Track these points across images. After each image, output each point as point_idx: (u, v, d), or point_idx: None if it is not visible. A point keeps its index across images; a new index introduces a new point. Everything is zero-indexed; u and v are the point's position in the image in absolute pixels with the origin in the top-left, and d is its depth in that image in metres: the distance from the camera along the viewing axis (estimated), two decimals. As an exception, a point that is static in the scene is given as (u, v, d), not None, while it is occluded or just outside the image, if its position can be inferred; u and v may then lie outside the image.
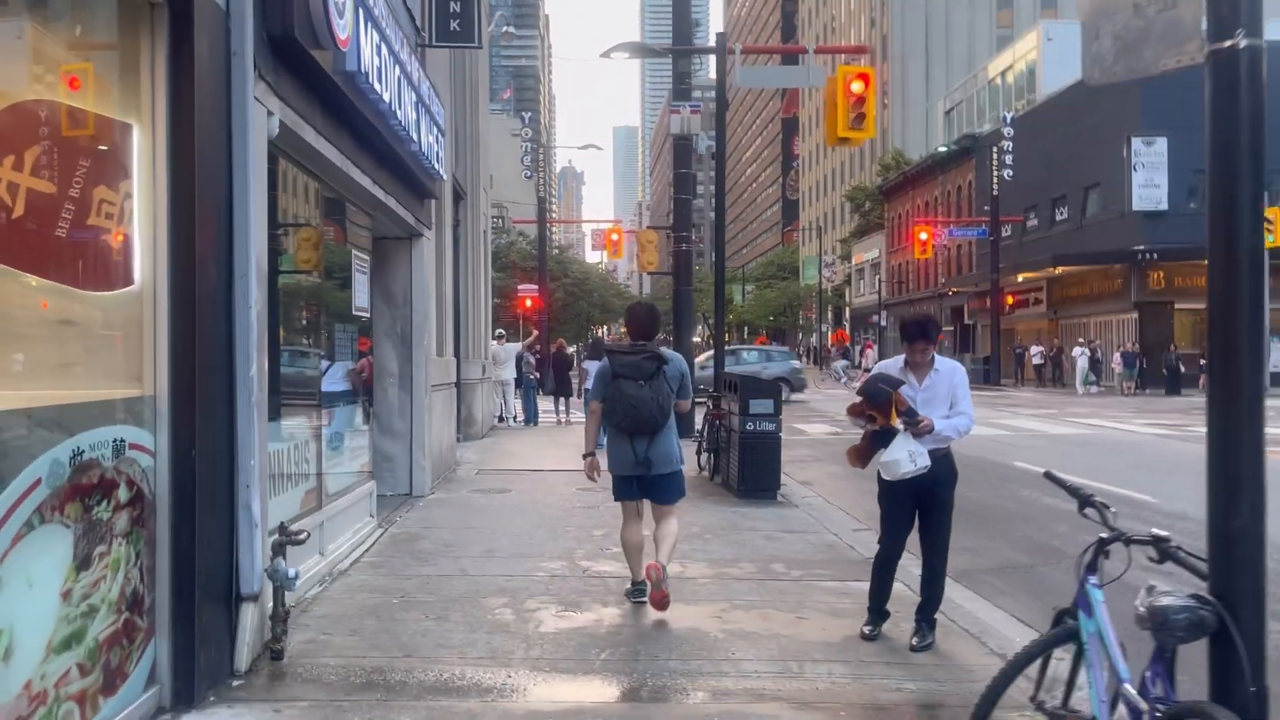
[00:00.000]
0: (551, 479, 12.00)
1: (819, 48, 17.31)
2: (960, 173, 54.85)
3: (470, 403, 16.76)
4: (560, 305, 47.98)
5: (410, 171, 8.95)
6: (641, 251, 18.14)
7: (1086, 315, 40.76)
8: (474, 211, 16.94)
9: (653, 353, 6.10)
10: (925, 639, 5.45)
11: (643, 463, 6.04)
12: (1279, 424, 19.21)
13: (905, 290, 63.10)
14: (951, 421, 5.39)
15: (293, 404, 6.47)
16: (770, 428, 10.55)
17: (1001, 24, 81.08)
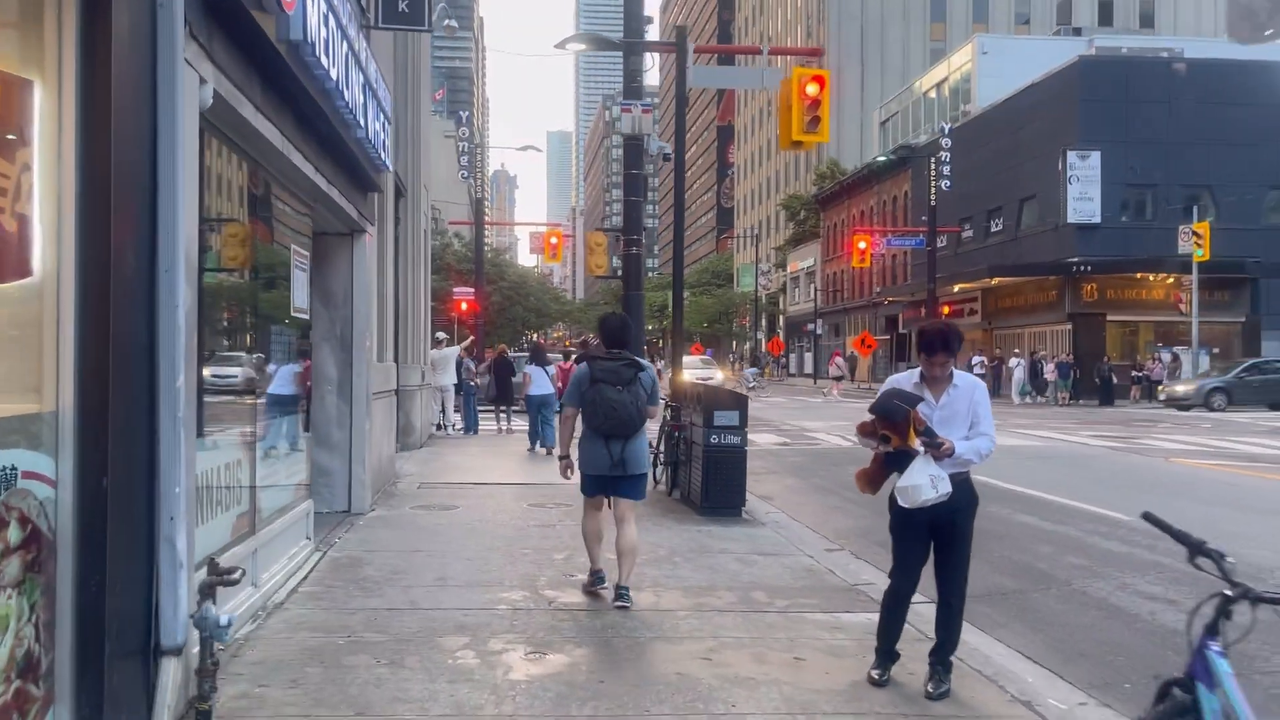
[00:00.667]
0: (500, 494, 11.28)
1: (773, 49, 16.82)
2: (896, 183, 55.24)
3: (409, 411, 15.93)
4: (497, 309, 47.05)
5: (355, 160, 8.20)
6: (590, 254, 17.47)
7: (1021, 326, 41.19)
8: (414, 209, 16.14)
9: (631, 360, 6.42)
10: (942, 684, 4.90)
11: (618, 464, 6.33)
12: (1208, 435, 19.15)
13: (840, 299, 63.38)
14: (973, 443, 4.86)
15: (224, 415, 5.70)
16: (735, 441, 9.98)
17: (935, 37, 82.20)
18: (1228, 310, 36.94)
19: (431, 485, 11.95)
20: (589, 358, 6.63)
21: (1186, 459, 15.74)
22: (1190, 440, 19.26)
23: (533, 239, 41.88)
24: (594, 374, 6.33)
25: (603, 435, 6.29)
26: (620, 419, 6.24)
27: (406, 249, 15.61)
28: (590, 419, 6.32)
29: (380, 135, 8.64)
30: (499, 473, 13.38)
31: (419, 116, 16.06)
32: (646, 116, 16.74)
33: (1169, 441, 18.86)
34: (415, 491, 11.42)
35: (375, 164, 8.92)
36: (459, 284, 42.05)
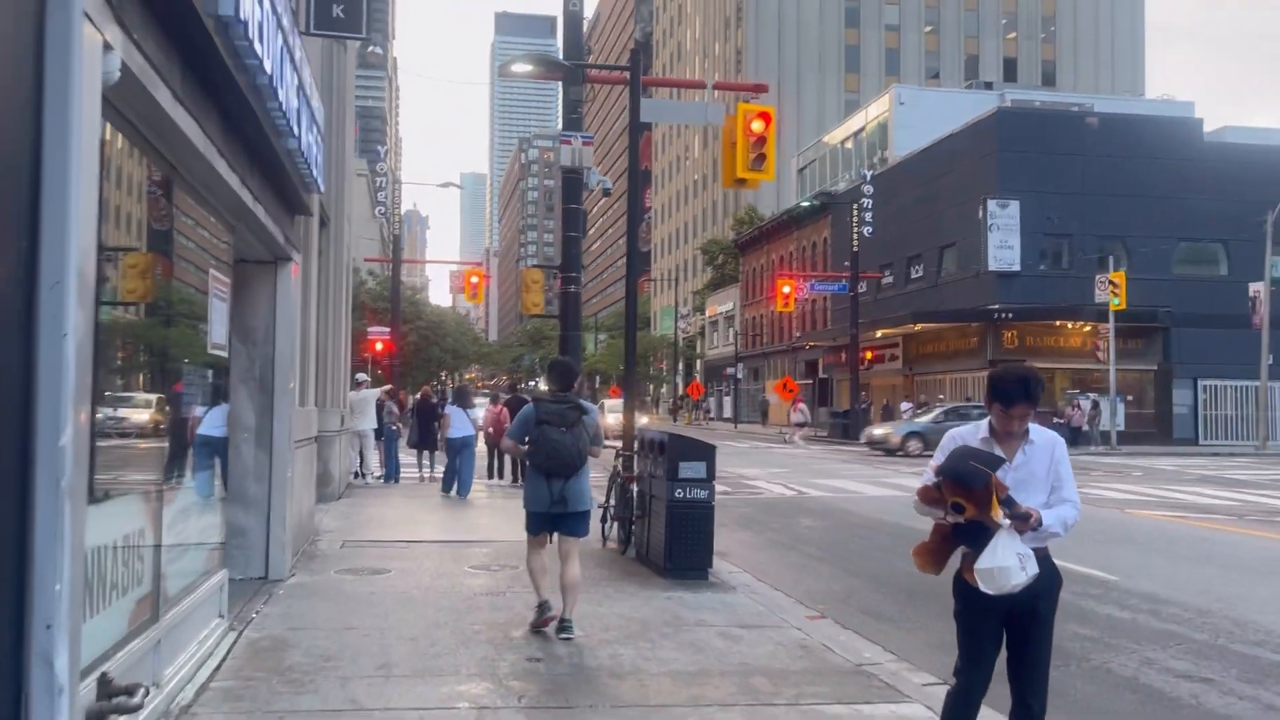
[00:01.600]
0: (435, 554, 10.15)
1: (718, 84, 16.25)
2: (816, 229, 55.62)
3: (327, 458, 14.64)
4: (413, 350, 45.49)
5: (285, 175, 7.15)
6: (526, 292, 16.50)
7: (942, 372, 41.42)
8: (337, 241, 14.99)
9: (575, 403, 6.81)
10: (1021, 809, 4.04)
11: (559, 501, 6.67)
12: (1143, 484, 18.92)
13: (760, 343, 63.39)
14: (1058, 512, 4.05)
15: (124, 471, 4.59)
16: (703, 495, 9.09)
17: (849, 88, 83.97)
18: (1141, 358, 37.70)
19: (356, 544, 10.75)
20: (535, 400, 7.07)
21: (1140, 510, 15.39)
22: (1130, 489, 19.06)
23: (452, 278, 40.67)
24: (540, 415, 6.70)
25: (545, 474, 6.65)
26: (563, 459, 6.58)
27: (328, 283, 14.43)
28: (535, 458, 6.68)
29: (313, 149, 7.61)
30: (430, 528, 12.22)
31: (343, 142, 14.99)
32: (587, 149, 15.95)
33: (1110, 490, 18.61)
34: (338, 552, 10.21)
35: (306, 182, 7.87)
36: (373, 323, 40.54)
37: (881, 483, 19.57)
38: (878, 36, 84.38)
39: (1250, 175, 38.17)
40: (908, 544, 11.82)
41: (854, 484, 19.37)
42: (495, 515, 13.28)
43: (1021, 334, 37.63)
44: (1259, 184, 37.34)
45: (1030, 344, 37.74)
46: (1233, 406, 38.91)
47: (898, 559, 10.91)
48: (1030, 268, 37.73)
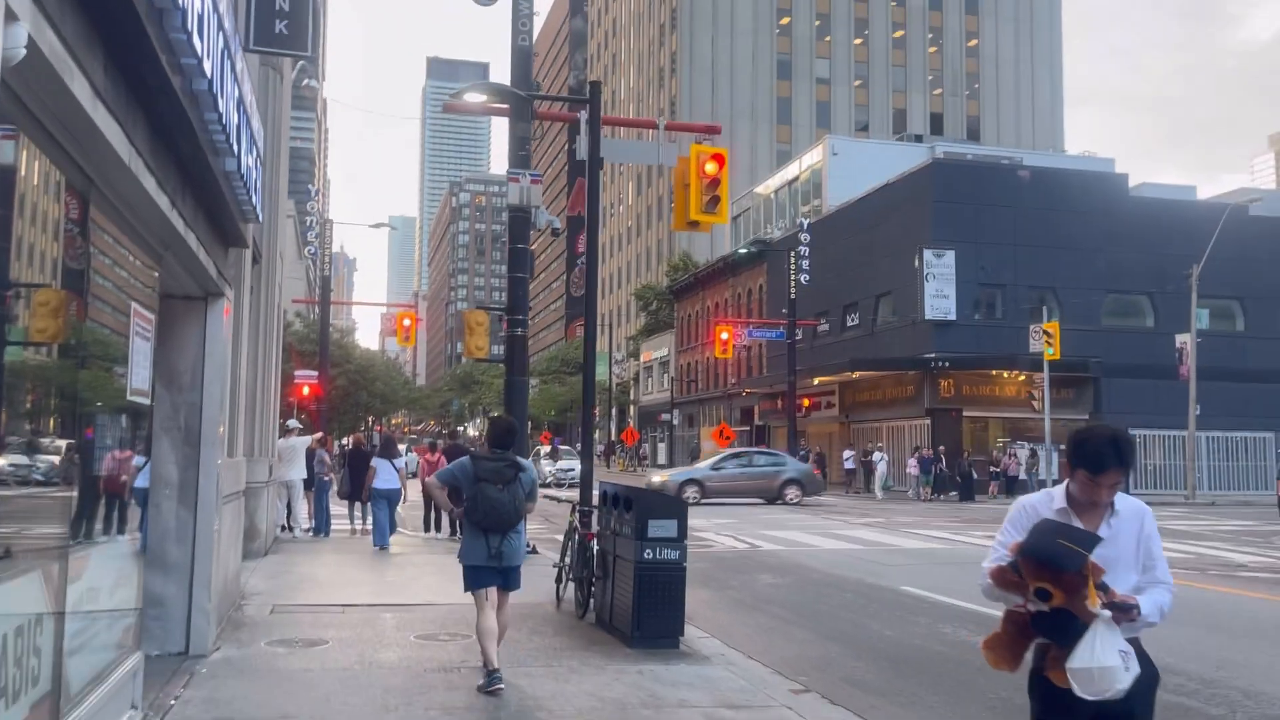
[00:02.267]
0: (376, 620, 9.25)
1: (670, 124, 15.83)
2: (752, 276, 55.70)
3: (254, 511, 13.60)
4: (341, 394, 44.04)
5: (222, 201, 6.37)
6: (470, 335, 15.71)
7: (879, 420, 41.38)
8: (269, 279, 14.07)
9: (512, 461, 6.98)
10: None
11: (495, 555, 6.83)
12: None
13: (695, 389, 63.06)
14: (1155, 599, 3.46)
15: (20, 543, 3.77)
16: (674, 556, 8.40)
17: (781, 139, 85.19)
18: (1073, 408, 38.08)
19: (287, 609, 9.79)
20: (474, 456, 7.07)
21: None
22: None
23: (383, 320, 39.65)
24: (478, 473, 6.84)
25: (483, 530, 6.80)
26: (500, 516, 6.76)
27: (259, 323, 13.49)
28: (472, 514, 6.82)
29: (253, 174, 6.84)
30: (367, 588, 11.28)
31: (276, 175, 14.13)
32: (535, 187, 15.40)
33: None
34: (268, 619, 9.25)
35: (244, 210, 7.08)
36: (300, 366, 39.13)
37: (834, 535, 19.06)
38: (808, 89, 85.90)
39: (1173, 230, 39.19)
40: (876, 603, 11.27)
41: (805, 536, 18.82)
42: (438, 574, 12.37)
43: (958, 382, 37.81)
44: (1181, 239, 38.32)
45: (966, 393, 37.96)
46: (1161, 456, 39.49)
47: (870, 620, 10.34)
48: (965, 317, 38.03)
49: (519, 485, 6.85)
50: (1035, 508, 3.61)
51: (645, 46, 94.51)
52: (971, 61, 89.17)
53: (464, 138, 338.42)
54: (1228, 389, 37.98)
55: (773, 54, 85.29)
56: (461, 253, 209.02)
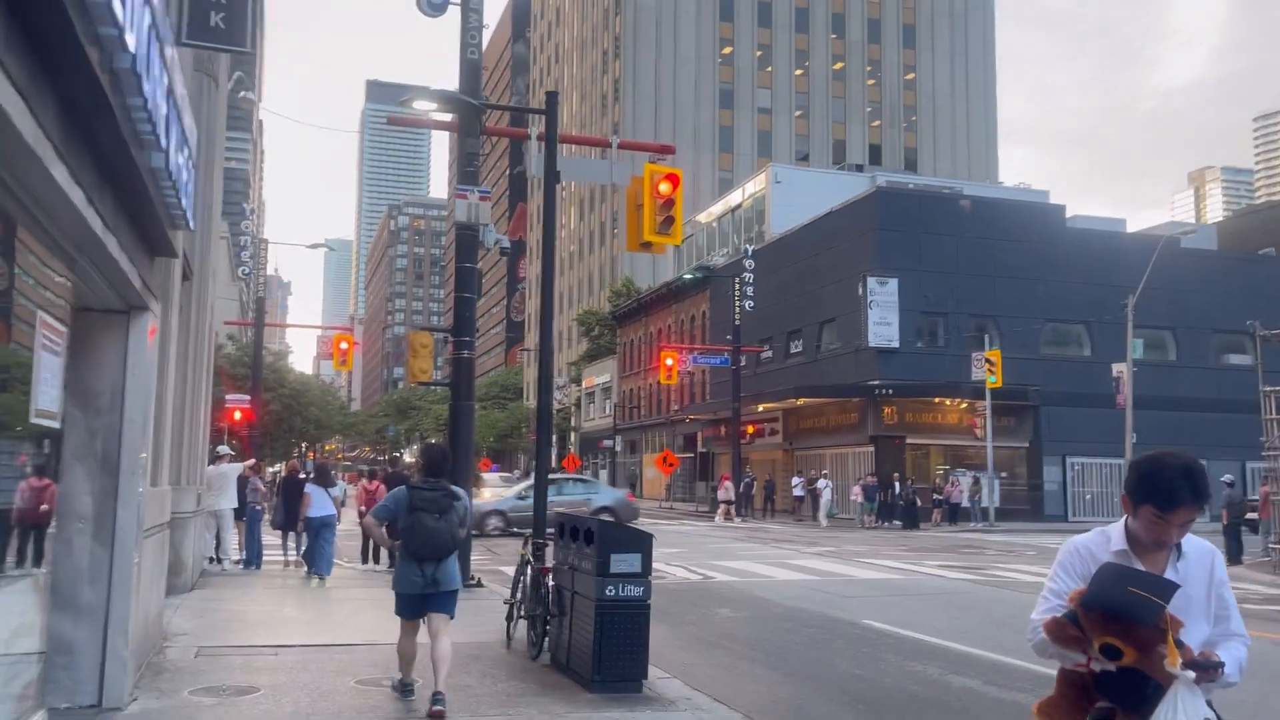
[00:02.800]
0: (312, 663, 8.54)
1: (623, 143, 15.42)
2: (695, 302, 55.56)
3: (180, 544, 12.74)
4: (274, 419, 42.69)
5: (148, 202, 5.73)
6: (413, 357, 15.02)
7: (823, 447, 41.28)
8: (200, 298, 13.29)
9: (448, 489, 7.01)
10: None
11: (431, 583, 6.90)
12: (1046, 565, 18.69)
13: (638, 415, 62.60)
14: (1235, 654, 3.03)
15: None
16: (638, 593, 7.87)
17: (723, 167, 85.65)
18: (1013, 436, 38.42)
19: (214, 651, 9.02)
20: (410, 486, 7.10)
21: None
22: (1035, 569, 18.68)
23: (319, 344, 38.49)
24: (414, 502, 6.87)
25: (418, 559, 6.86)
26: (437, 544, 6.82)
27: (189, 343, 12.70)
28: (409, 544, 6.84)
29: (183, 175, 6.21)
30: (302, 627, 10.53)
31: (210, 187, 13.40)
32: (484, 204, 14.85)
33: (1017, 573, 18.15)
34: (192, 663, 8.49)
35: (173, 214, 6.44)
36: (232, 390, 37.85)
37: (786, 564, 18.65)
38: (750, 118, 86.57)
39: (1108, 261, 39.88)
40: (841, 639, 10.82)
41: (758, 566, 18.37)
42: (378, 609, 11.63)
43: (901, 410, 37.88)
44: (1116, 270, 38.99)
45: (910, 420, 38.05)
46: (1098, 484, 39.98)
47: (837, 658, 9.89)
48: (908, 344, 38.16)
49: (454, 513, 6.92)
50: (1090, 550, 3.17)
51: (588, 73, 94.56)
52: (909, 94, 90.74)
53: (403, 161, 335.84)
54: (1161, 417, 38.57)
55: (715, 83, 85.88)
56: (400, 276, 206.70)
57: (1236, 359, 42.61)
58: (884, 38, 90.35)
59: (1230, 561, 20.41)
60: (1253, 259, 46.39)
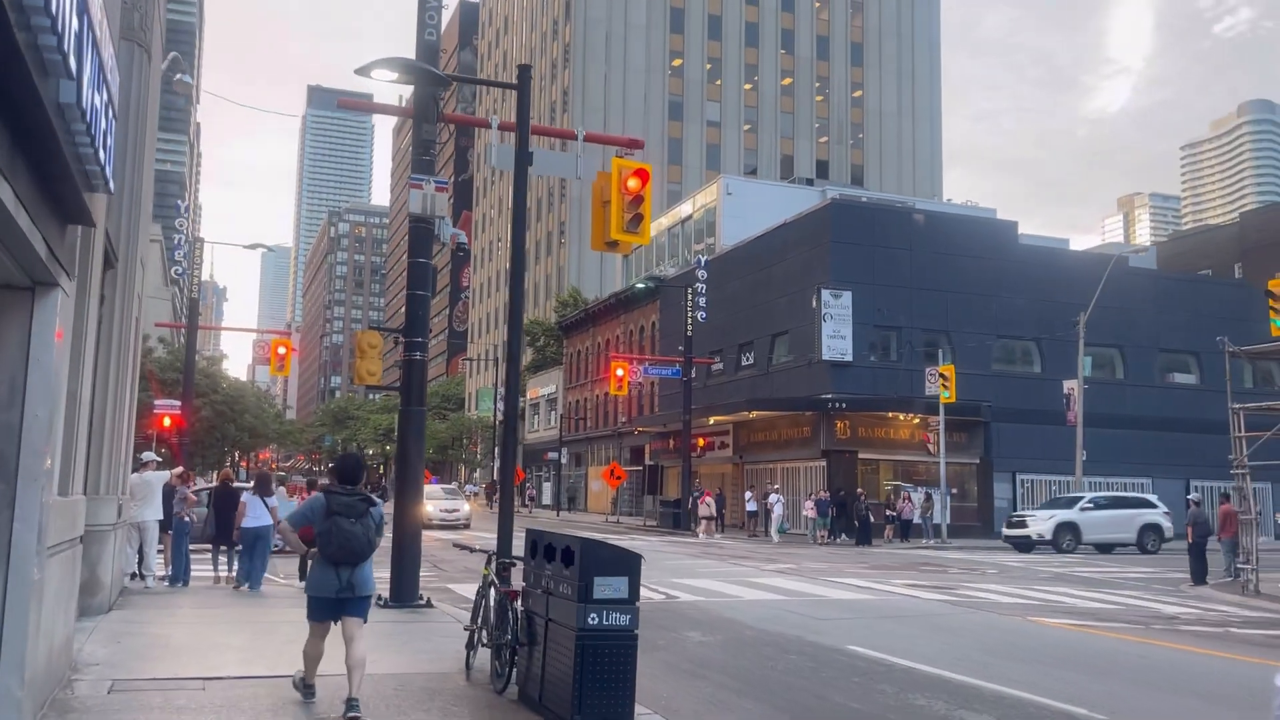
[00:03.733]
0: (248, 700, 7.46)
1: (590, 135, 14.54)
2: (644, 313, 54.80)
3: (97, 560, 11.52)
4: (205, 426, 40.85)
5: (54, 147, 4.71)
6: (361, 359, 13.91)
7: (774, 461, 40.69)
8: (126, 289, 12.10)
9: (365, 496, 7.08)
10: None
11: (346, 587, 6.98)
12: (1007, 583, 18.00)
13: (584, 427, 61.56)
14: None
15: None
16: (624, 621, 6.96)
17: (672, 179, 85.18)
18: (964, 452, 38.19)
19: (132, 685, 7.89)
20: (327, 491, 7.10)
21: (1043, 617, 14.21)
22: (1003, 590, 18.12)
23: (255, 348, 36.88)
24: (331, 507, 6.93)
25: (334, 563, 6.92)
26: (353, 549, 6.89)
27: (113, 337, 11.52)
28: (325, 548, 6.91)
29: (100, 120, 5.19)
30: (236, 654, 9.40)
31: (141, 162, 12.23)
32: (441, 195, 13.85)
33: (990, 593, 17.56)
34: (104, 700, 7.36)
35: (88, 171, 5.40)
36: (161, 395, 36.08)
37: (750, 583, 17.83)
38: (699, 131, 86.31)
39: (1059, 279, 39.99)
40: (829, 668, 9.95)
41: (720, 584, 17.52)
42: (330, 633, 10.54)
43: (854, 424, 37.44)
44: (1067, 287, 39.12)
45: (862, 435, 37.62)
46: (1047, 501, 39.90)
47: (829, 690, 9.06)
48: (862, 358, 37.75)
49: (370, 519, 7.01)
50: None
51: (536, 81, 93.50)
52: (856, 111, 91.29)
53: (344, 167, 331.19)
54: (1107, 435, 38.70)
55: (664, 94, 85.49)
56: (339, 284, 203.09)
57: (1181, 378, 43.05)
58: (832, 55, 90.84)
59: (1195, 581, 20.08)
60: (1197, 280, 47.04)
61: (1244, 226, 59.81)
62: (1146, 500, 33.99)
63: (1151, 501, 33.79)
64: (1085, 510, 31.96)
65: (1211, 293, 44.45)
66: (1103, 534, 31.83)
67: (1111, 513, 32.21)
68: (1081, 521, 31.61)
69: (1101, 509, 32.20)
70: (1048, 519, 31.75)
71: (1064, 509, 32.28)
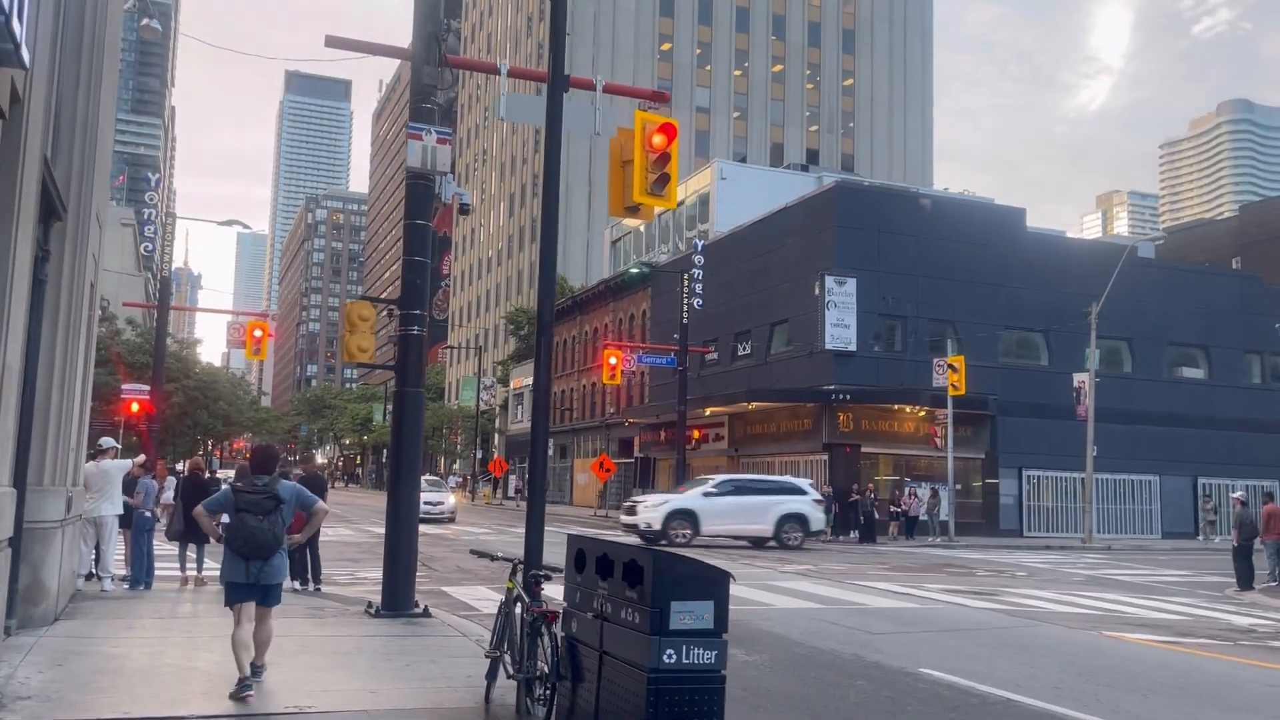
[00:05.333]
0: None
1: (609, 86, 12.85)
2: (634, 301, 53.17)
3: (40, 562, 9.81)
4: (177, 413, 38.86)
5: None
6: (351, 333, 12.18)
7: (771, 455, 39.16)
8: (78, 246, 10.35)
9: (272, 494, 7.25)
10: None
11: (254, 576, 7.22)
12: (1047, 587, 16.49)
13: (569, 419, 59.88)
14: None
15: None
16: (708, 659, 5.36)
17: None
18: (970, 446, 36.79)
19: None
20: (234, 488, 7.27)
21: (1118, 632, 12.71)
22: (1051, 595, 16.68)
23: (231, 331, 34.97)
24: (238, 504, 7.18)
25: (243, 557, 7.16)
26: (258, 544, 7.13)
27: (60, 302, 9.79)
28: (232, 543, 7.17)
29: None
30: (205, 681, 7.73)
31: (96, 100, 10.49)
32: (443, 148, 12.17)
33: (1038, 600, 16.10)
34: (30, 753, 5.69)
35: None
36: (129, 380, 34.13)
37: (773, 587, 16.26)
38: (689, 117, 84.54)
39: (1068, 268, 38.69)
40: (910, 697, 7.93)
41: (743, 589, 15.84)
42: (316, 652, 8.87)
43: (857, 417, 35.96)
44: (1076, 277, 37.82)
45: (865, 428, 36.16)
46: (1053, 498, 38.66)
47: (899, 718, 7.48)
48: (866, 348, 36.27)
49: (278, 514, 7.20)
50: None
51: (521, 64, 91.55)
52: (848, 100, 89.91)
53: (321, 154, 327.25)
54: (1116, 430, 37.44)
55: (653, 79, 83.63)
56: (316, 271, 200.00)
57: (1190, 372, 41.87)
58: (824, 42, 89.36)
59: (1240, 586, 18.73)
60: (1206, 271, 45.84)
61: (1243, 220, 58.81)
62: (794, 486, 28.62)
63: (800, 488, 28.53)
64: (709, 496, 26.95)
65: (1220, 285, 43.31)
66: (729, 524, 26.74)
67: (741, 499, 27.03)
68: (701, 510, 26.54)
69: (728, 495, 27.16)
70: (658, 505, 26.82)
71: (692, 491, 27.61)
